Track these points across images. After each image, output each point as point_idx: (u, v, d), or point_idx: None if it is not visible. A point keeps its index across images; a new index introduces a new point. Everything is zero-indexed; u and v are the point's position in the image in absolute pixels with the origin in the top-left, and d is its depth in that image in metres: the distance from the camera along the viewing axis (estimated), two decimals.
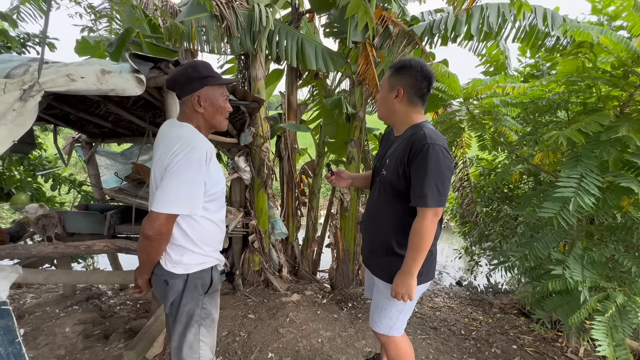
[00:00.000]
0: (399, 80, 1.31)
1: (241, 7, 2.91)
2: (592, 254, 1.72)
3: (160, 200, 1.07)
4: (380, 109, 1.43)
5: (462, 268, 5.54)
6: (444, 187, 1.20)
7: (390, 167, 1.32)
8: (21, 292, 3.11)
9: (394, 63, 1.36)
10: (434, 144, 1.18)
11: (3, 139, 0.92)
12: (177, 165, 1.07)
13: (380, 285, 1.41)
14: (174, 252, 1.18)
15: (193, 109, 1.21)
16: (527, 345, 2.35)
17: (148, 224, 1.08)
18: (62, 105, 2.44)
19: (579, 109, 1.88)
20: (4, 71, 1.36)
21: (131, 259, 2.89)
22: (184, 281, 1.20)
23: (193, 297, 1.21)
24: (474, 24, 2.73)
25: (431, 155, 1.17)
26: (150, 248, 1.12)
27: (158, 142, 1.23)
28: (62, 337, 2.18)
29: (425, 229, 1.21)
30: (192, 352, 1.23)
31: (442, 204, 1.21)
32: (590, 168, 1.43)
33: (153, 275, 1.23)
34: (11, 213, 6.04)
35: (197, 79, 1.18)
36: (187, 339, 1.22)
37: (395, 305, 1.38)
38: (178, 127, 1.20)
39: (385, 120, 1.45)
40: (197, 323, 1.23)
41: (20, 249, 2.10)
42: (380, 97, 1.40)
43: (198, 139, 1.16)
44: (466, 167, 3.42)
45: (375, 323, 1.46)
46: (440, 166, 1.18)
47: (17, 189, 3.38)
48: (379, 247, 1.39)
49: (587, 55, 1.60)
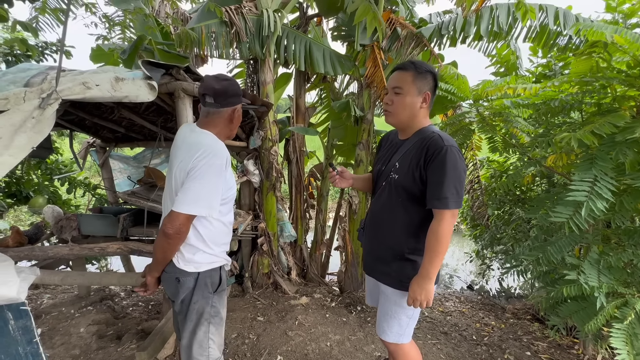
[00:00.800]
0: (424, 85, 1.28)
1: (250, 13, 2.95)
2: (608, 259, 1.67)
3: (182, 201, 1.14)
4: (401, 113, 1.31)
5: (473, 272, 5.45)
6: (462, 188, 1.21)
7: (403, 170, 1.29)
8: (38, 293, 3.21)
9: (408, 64, 1.30)
10: (451, 146, 1.20)
11: (23, 145, 0.96)
12: (200, 169, 1.15)
13: (388, 292, 1.38)
14: (187, 251, 1.24)
15: (228, 120, 1.32)
16: (541, 352, 2.29)
17: (169, 223, 1.14)
18: (77, 111, 2.52)
19: (594, 110, 1.83)
20: (24, 80, 1.42)
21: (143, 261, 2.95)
22: (194, 279, 1.25)
23: (203, 295, 1.27)
24: (483, 24, 2.70)
25: (449, 157, 1.18)
26: (168, 245, 1.18)
27: (178, 145, 1.30)
28: (77, 337, 2.23)
29: (445, 231, 1.21)
30: (201, 350, 1.28)
31: (460, 205, 1.22)
32: (605, 171, 1.39)
33: (164, 274, 1.27)
34: (29, 215, 6.24)
35: (239, 95, 1.33)
36: (197, 337, 1.27)
37: (405, 311, 1.36)
38: (199, 133, 1.27)
39: (399, 125, 1.37)
40: (206, 321, 1.28)
41: (38, 250, 2.17)
42: (404, 102, 1.29)
43: (220, 146, 1.24)
44: (477, 170, 3.37)
45: (384, 332, 1.41)
46: (457, 168, 1.19)
47: (35, 192, 3.49)
48: (388, 253, 1.36)
49: (602, 54, 1.56)
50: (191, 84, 1.87)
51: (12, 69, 1.63)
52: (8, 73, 1.57)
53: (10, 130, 0.95)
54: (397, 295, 1.35)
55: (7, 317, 1.09)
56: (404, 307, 1.34)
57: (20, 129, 0.98)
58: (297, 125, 3.62)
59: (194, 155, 1.17)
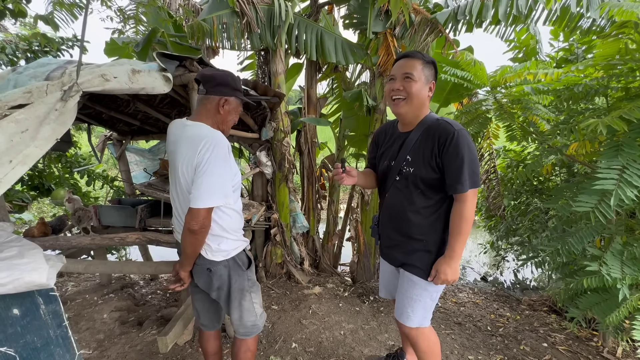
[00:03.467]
0: (432, 74, 1.30)
1: (261, 3, 2.92)
2: (632, 250, 1.62)
3: (198, 197, 1.17)
4: (414, 101, 1.28)
5: (487, 263, 5.38)
6: (478, 167, 1.25)
7: (418, 162, 1.30)
8: (63, 281, 3.35)
9: (414, 52, 1.30)
10: (460, 129, 1.23)
11: (48, 137, 0.99)
12: (207, 163, 1.18)
13: (414, 278, 1.39)
14: (212, 241, 1.30)
15: (216, 109, 1.32)
16: (558, 344, 2.26)
17: (192, 220, 1.18)
18: (94, 105, 2.57)
19: (620, 95, 1.75)
20: (44, 74, 1.45)
21: (160, 250, 3.03)
22: (226, 266, 1.35)
23: (239, 275, 1.39)
24: (501, 8, 2.59)
25: (462, 141, 1.21)
26: (196, 241, 1.24)
27: (174, 141, 1.32)
28: (101, 323, 2.34)
29: (469, 211, 1.25)
30: (249, 314, 1.44)
31: (479, 183, 1.25)
32: (634, 158, 1.34)
33: (195, 266, 1.34)
34: (52, 207, 6.49)
35: (232, 87, 1.33)
36: (244, 307, 1.42)
37: (430, 294, 1.39)
38: (193, 126, 1.29)
39: (410, 114, 1.33)
40: (248, 293, 1.42)
41: (62, 240, 2.26)
42: (418, 89, 1.26)
43: (218, 134, 1.27)
44: (492, 159, 3.29)
45: (408, 317, 1.42)
46: (471, 150, 1.23)
47: (56, 185, 3.62)
48: (414, 244, 1.37)
49: (631, 35, 1.47)
50: None
51: (32, 64, 1.67)
52: (29, 68, 1.61)
53: (36, 122, 0.98)
54: (423, 281, 1.37)
55: (38, 302, 1.14)
56: (429, 290, 1.37)
57: (45, 120, 1.01)
58: (309, 116, 3.60)
59: (197, 149, 1.19)
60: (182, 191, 1.29)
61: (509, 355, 2.14)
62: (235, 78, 1.37)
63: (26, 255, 1.09)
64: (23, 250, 1.11)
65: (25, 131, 0.96)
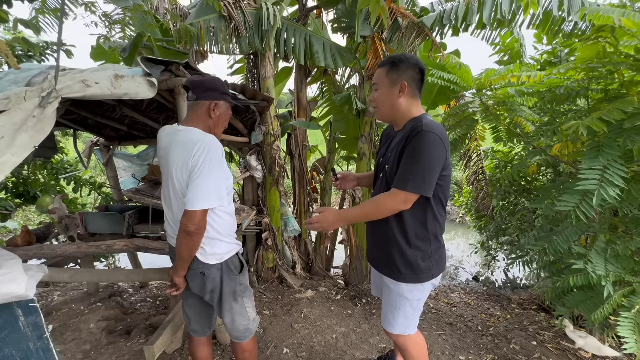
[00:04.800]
0: (400, 75, 1.28)
1: (249, 7, 2.92)
2: (616, 247, 1.65)
3: (194, 199, 1.19)
4: (381, 108, 1.34)
5: (478, 263, 5.44)
6: (430, 175, 1.17)
7: (391, 160, 1.29)
8: (49, 290, 3.27)
9: (386, 60, 1.33)
10: (430, 131, 1.17)
11: (25, 144, 0.97)
12: (202, 165, 1.20)
13: (390, 284, 1.38)
14: (206, 244, 1.32)
15: (207, 113, 1.35)
16: (547, 342, 2.29)
17: (188, 222, 1.20)
18: (80, 110, 2.52)
19: (600, 96, 1.79)
20: (25, 79, 1.42)
21: (150, 257, 2.98)
22: (219, 269, 1.36)
23: (231, 279, 1.40)
24: (486, 12, 2.64)
25: (423, 140, 1.16)
26: (192, 243, 1.25)
27: (164, 146, 1.34)
28: (87, 333, 2.28)
29: (387, 207, 1.23)
30: (242, 318, 1.45)
31: (422, 192, 1.19)
32: (614, 158, 1.37)
33: (189, 270, 1.35)
34: (37, 215, 6.34)
35: (221, 91, 1.36)
36: (236, 310, 1.43)
37: (410, 302, 1.36)
38: (186, 131, 1.30)
39: (386, 119, 1.39)
40: (240, 297, 1.43)
41: (46, 249, 2.21)
42: (381, 96, 1.33)
43: (211, 138, 1.28)
44: (480, 160, 3.34)
45: (390, 324, 1.42)
46: (431, 154, 1.16)
47: (41, 192, 3.54)
48: (387, 245, 1.36)
49: (608, 39, 1.52)
50: None
51: (14, 69, 1.64)
52: (10, 73, 1.58)
53: (12, 129, 0.96)
54: (399, 286, 1.35)
55: (17, 314, 1.10)
56: (409, 298, 1.35)
57: (22, 127, 0.99)
58: (299, 119, 3.60)
59: (192, 152, 1.21)
60: (176, 195, 1.30)
61: (499, 354, 2.16)
62: (224, 83, 1.41)
63: (3, 265, 1.06)
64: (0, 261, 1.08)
65: (1, 138, 0.94)
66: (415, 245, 1.30)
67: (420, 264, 1.30)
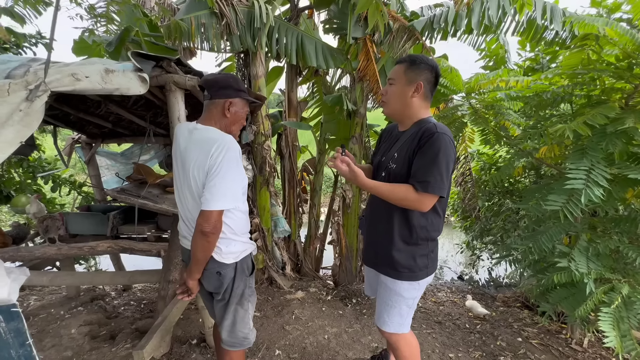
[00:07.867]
0: (417, 75, 1.29)
1: (240, 4, 2.88)
2: (596, 246, 1.73)
3: (211, 199, 1.18)
4: (393, 103, 1.35)
5: (462, 262, 5.57)
6: (447, 175, 1.21)
7: (400, 160, 1.30)
8: (24, 295, 3.10)
9: (406, 57, 1.33)
10: (443, 133, 1.21)
11: (11, 140, 0.91)
12: (220, 166, 1.19)
13: (387, 283, 1.39)
14: (222, 244, 1.30)
15: (222, 113, 1.33)
16: (531, 338, 2.37)
17: (205, 222, 1.18)
18: (62, 105, 2.41)
19: (583, 102, 1.88)
20: (4, 72, 1.34)
21: (133, 259, 2.88)
22: (234, 269, 1.35)
23: (242, 280, 1.38)
24: (474, 17, 2.72)
25: (437, 142, 1.19)
26: (209, 244, 1.23)
27: (182, 144, 1.32)
28: (69, 339, 2.17)
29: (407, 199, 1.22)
30: (243, 324, 1.42)
31: (442, 193, 1.21)
32: (597, 160, 1.44)
33: (204, 271, 1.31)
34: (10, 216, 6.00)
35: (235, 88, 1.34)
36: (239, 314, 1.40)
37: (405, 301, 1.38)
38: (204, 130, 1.29)
39: (395, 115, 1.39)
40: (246, 300, 1.41)
41: (24, 251, 2.09)
42: (395, 92, 1.33)
43: (230, 138, 1.27)
44: (468, 162, 3.42)
45: (384, 323, 1.43)
46: (445, 154, 1.19)
47: (16, 192, 3.35)
48: (386, 244, 1.37)
49: (593, 47, 1.59)
50: (183, 77, 1.82)
51: None
52: None
53: None
54: (396, 285, 1.36)
55: None
56: (405, 297, 1.36)
57: (7, 122, 0.93)
58: (290, 119, 3.58)
59: (209, 152, 1.19)
60: (192, 195, 1.28)
61: (486, 351, 2.22)
62: (237, 79, 1.37)
63: None
64: None
65: None
66: (415, 243, 1.32)
67: (419, 262, 1.33)
